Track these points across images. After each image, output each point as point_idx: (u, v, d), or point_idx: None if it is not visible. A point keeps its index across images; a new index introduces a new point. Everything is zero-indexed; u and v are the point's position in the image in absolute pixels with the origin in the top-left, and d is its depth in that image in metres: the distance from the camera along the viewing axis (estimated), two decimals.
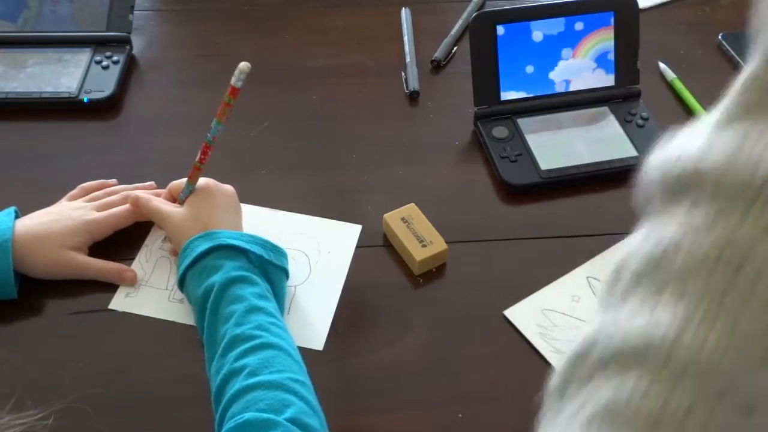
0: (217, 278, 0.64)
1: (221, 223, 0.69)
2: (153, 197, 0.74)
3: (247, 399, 0.56)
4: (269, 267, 0.68)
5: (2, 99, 0.88)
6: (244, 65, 0.66)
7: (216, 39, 1.02)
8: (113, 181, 0.81)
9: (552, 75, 0.87)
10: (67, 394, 0.65)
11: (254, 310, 0.62)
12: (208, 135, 0.70)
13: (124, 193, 0.77)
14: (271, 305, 0.64)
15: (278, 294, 0.67)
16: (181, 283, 0.68)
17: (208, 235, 0.67)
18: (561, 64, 0.87)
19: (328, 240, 0.77)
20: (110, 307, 0.71)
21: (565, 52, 0.87)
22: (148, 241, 0.77)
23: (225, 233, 0.67)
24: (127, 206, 0.76)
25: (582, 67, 0.88)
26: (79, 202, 0.76)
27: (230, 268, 0.64)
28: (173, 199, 0.74)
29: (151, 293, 0.73)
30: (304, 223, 0.78)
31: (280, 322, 0.63)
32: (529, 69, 0.87)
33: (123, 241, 0.76)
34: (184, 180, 0.73)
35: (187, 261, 0.66)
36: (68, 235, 0.72)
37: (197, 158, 0.71)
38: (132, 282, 0.73)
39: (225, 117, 0.69)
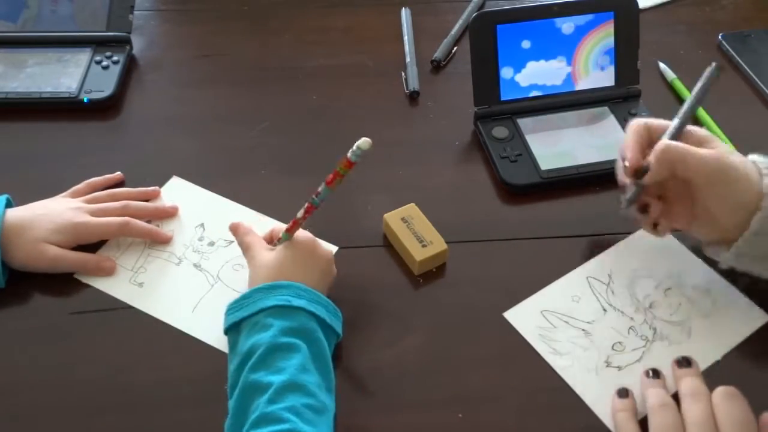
0: (264, 338, 0.61)
1: (299, 279, 0.66)
2: (251, 230, 0.72)
3: None
4: (327, 330, 0.65)
5: (2, 99, 0.88)
6: (364, 142, 0.61)
7: (216, 39, 1.02)
8: (118, 174, 0.81)
9: (552, 75, 0.87)
10: (67, 394, 0.65)
11: (293, 386, 0.58)
12: (315, 198, 0.66)
13: (124, 202, 0.77)
14: (312, 379, 0.60)
15: (327, 356, 0.64)
16: (232, 329, 0.64)
17: (276, 288, 0.64)
18: (561, 63, 0.87)
19: None
20: (76, 276, 0.72)
21: (565, 51, 0.87)
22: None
23: (294, 288, 0.64)
24: (120, 219, 0.75)
25: (582, 66, 0.88)
26: (77, 202, 0.76)
27: (281, 330, 0.61)
28: (271, 240, 0.72)
29: (116, 271, 0.73)
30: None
31: (317, 401, 0.59)
32: (529, 69, 0.87)
33: None
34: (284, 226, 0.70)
35: (246, 312, 0.63)
36: (52, 231, 0.71)
37: (300, 215, 0.68)
38: (110, 272, 0.73)
39: (336, 186, 0.65)
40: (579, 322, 0.71)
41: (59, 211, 0.74)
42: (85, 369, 0.67)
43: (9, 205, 0.73)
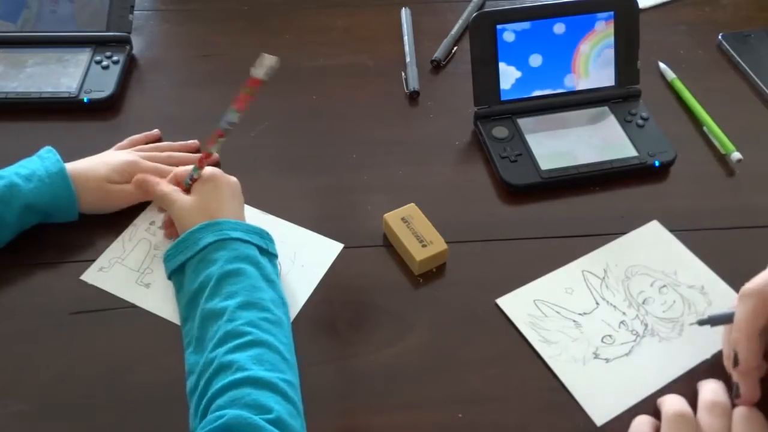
0: (213, 271, 0.65)
1: (226, 212, 0.70)
2: (161, 181, 0.74)
3: (234, 394, 0.56)
4: (265, 255, 0.69)
5: (2, 99, 0.88)
6: (273, 59, 0.66)
7: (216, 39, 1.02)
8: (156, 131, 0.86)
9: (552, 74, 0.87)
10: (67, 393, 0.65)
11: (246, 305, 0.62)
12: (222, 122, 0.70)
13: (168, 153, 0.82)
14: (264, 295, 0.64)
15: (272, 275, 0.68)
16: (176, 272, 0.68)
17: (211, 225, 0.68)
18: (561, 63, 0.87)
19: (305, 253, 0.76)
20: (82, 278, 0.73)
21: (565, 51, 0.87)
22: (138, 220, 0.78)
23: (227, 224, 0.68)
24: (171, 167, 0.78)
25: (582, 66, 0.88)
26: (125, 150, 0.81)
27: (226, 261, 0.65)
28: (178, 184, 0.74)
29: (122, 272, 0.74)
30: (288, 232, 0.78)
31: (273, 315, 0.63)
32: (529, 68, 0.87)
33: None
34: (190, 167, 0.74)
35: (190, 252, 0.67)
36: (110, 171, 0.76)
37: (207, 143, 0.72)
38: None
39: (244, 107, 0.69)
40: (570, 313, 0.71)
41: (111, 156, 0.79)
42: (85, 369, 0.67)
43: None
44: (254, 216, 0.79)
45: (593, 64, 0.88)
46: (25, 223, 0.73)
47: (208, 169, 0.73)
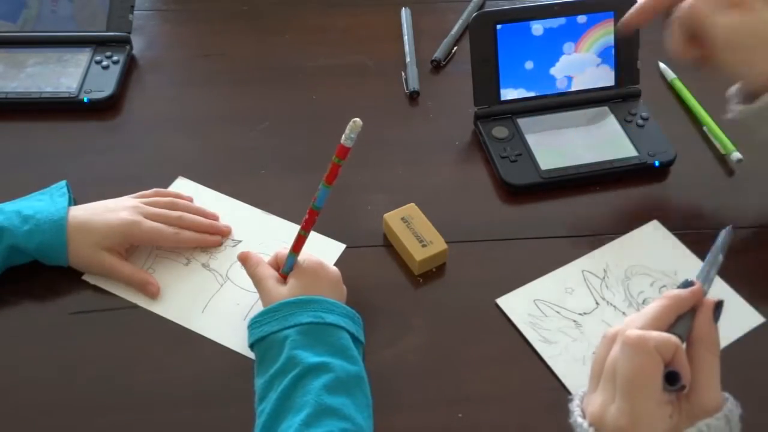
0: (302, 359, 0.61)
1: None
2: (262, 261, 0.69)
3: None
4: (356, 343, 0.65)
5: (2, 99, 0.88)
6: (355, 124, 0.60)
7: (216, 39, 1.02)
8: (189, 196, 0.80)
9: (552, 75, 0.87)
10: (67, 393, 0.65)
11: (326, 411, 0.58)
12: (315, 201, 0.65)
13: (180, 213, 0.75)
14: (344, 401, 0.59)
15: (361, 372, 0.63)
16: (260, 341, 0.64)
17: (306, 303, 0.64)
18: (561, 64, 0.87)
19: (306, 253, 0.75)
20: (84, 278, 0.73)
21: (566, 51, 0.87)
22: None
23: (323, 304, 0.65)
24: (173, 229, 0.74)
25: (582, 66, 0.88)
26: (136, 201, 0.75)
27: (313, 353, 0.61)
28: (278, 266, 0.70)
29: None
30: (289, 232, 0.76)
31: (352, 425, 0.58)
32: (529, 68, 0.87)
33: None
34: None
35: (278, 326, 0.63)
36: (105, 235, 0.71)
37: (301, 225, 0.66)
38: (154, 295, 0.72)
39: (334, 179, 0.63)
40: (571, 313, 0.71)
41: (116, 209, 0.73)
42: (85, 369, 0.67)
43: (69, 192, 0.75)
44: (255, 216, 0.79)
45: (593, 63, 0.88)
46: (11, 261, 0.71)
47: (308, 259, 0.68)
